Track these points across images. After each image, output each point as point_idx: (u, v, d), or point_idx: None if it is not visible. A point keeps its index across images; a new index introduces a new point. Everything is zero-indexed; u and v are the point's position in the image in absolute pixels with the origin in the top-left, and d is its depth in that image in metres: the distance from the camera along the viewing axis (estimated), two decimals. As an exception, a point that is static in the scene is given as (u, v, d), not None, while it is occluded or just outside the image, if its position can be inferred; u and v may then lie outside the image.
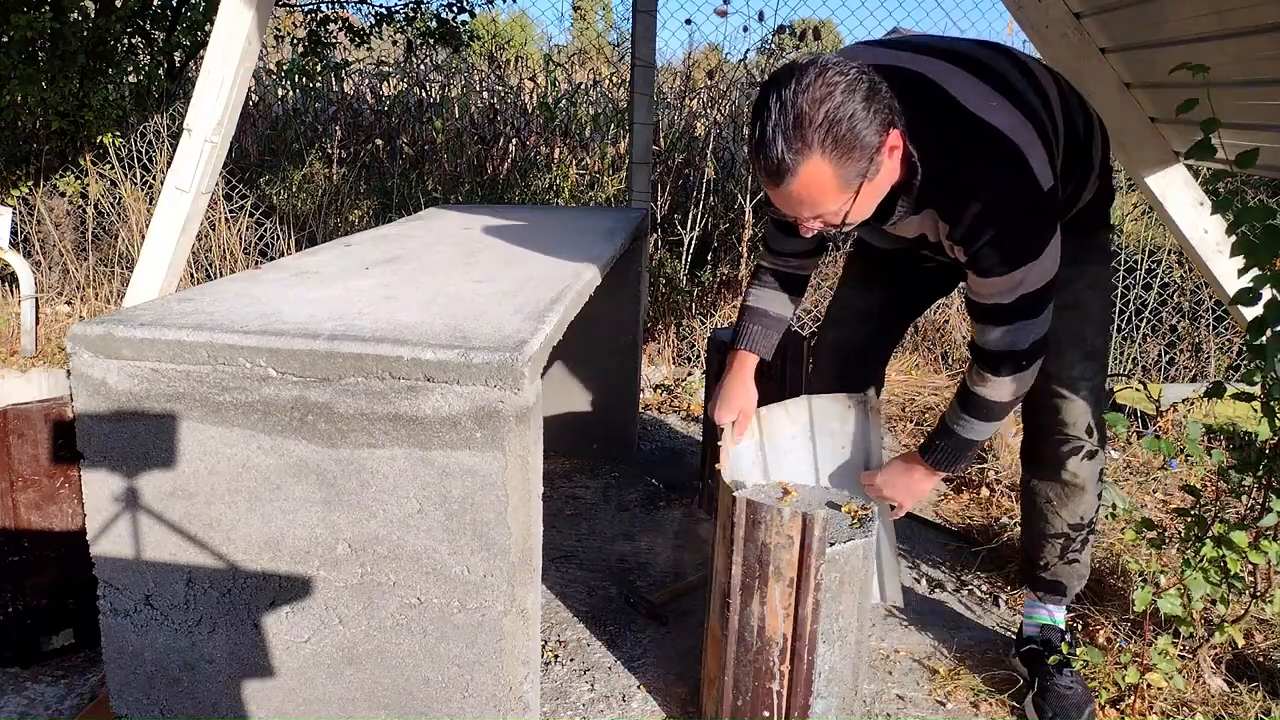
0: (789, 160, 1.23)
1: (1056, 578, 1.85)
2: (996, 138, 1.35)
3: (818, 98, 1.21)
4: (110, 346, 1.19)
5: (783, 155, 1.23)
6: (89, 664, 1.83)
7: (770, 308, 1.81)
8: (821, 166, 1.24)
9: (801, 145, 1.22)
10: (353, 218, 5.18)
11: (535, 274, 1.62)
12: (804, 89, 1.21)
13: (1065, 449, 1.74)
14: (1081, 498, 1.78)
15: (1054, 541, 1.82)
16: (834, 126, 1.22)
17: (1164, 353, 4.16)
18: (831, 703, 1.54)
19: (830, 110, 1.21)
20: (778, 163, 1.24)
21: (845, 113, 1.22)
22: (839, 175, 1.26)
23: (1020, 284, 1.42)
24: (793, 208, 1.32)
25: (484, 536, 1.18)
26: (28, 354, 3.80)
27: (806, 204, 1.30)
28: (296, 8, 6.33)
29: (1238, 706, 1.79)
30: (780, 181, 1.26)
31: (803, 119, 1.21)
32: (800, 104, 1.21)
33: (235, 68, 2.12)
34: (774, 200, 1.34)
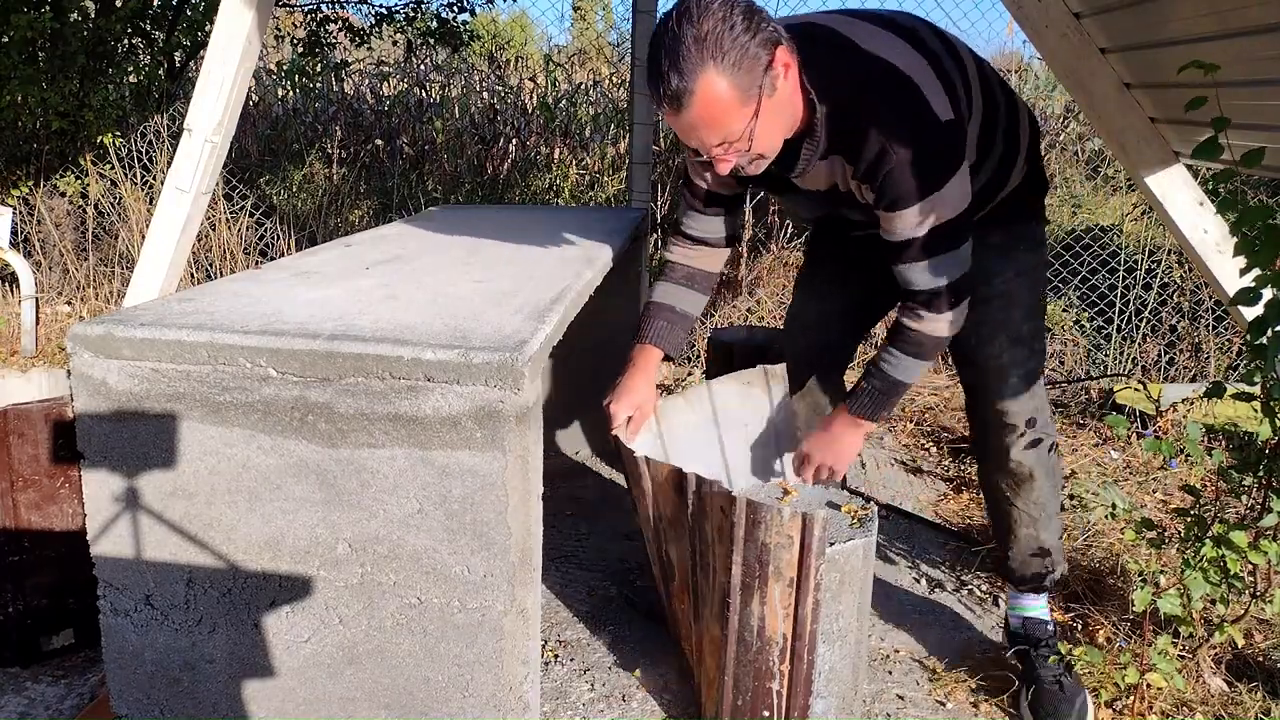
0: (685, 81, 1.28)
1: (1026, 569, 1.86)
2: (890, 70, 1.39)
3: (698, 18, 1.28)
4: (110, 346, 1.19)
5: (680, 77, 1.27)
6: (89, 664, 1.83)
7: (677, 304, 1.78)
8: (716, 80, 1.28)
9: (694, 63, 1.27)
10: (353, 218, 5.18)
11: (535, 274, 1.62)
12: (685, 15, 1.28)
13: (1007, 439, 1.75)
14: (1032, 485, 1.78)
15: (1016, 532, 1.83)
16: (720, 40, 1.27)
17: (1164, 353, 4.16)
18: (831, 703, 1.54)
19: (713, 26, 1.27)
20: (677, 85, 1.28)
21: (727, 26, 1.28)
22: (735, 86, 1.29)
23: (929, 215, 1.43)
24: (700, 135, 1.35)
25: (484, 536, 1.19)
26: (28, 354, 3.80)
27: (711, 125, 1.33)
28: (296, 8, 6.33)
29: (1237, 706, 1.79)
30: (681, 105, 1.30)
31: (690, 41, 1.27)
32: (684, 29, 1.28)
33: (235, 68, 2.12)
34: (680, 133, 1.37)
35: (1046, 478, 1.79)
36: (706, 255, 1.78)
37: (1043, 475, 1.78)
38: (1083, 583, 2.21)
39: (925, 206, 1.43)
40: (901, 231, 1.47)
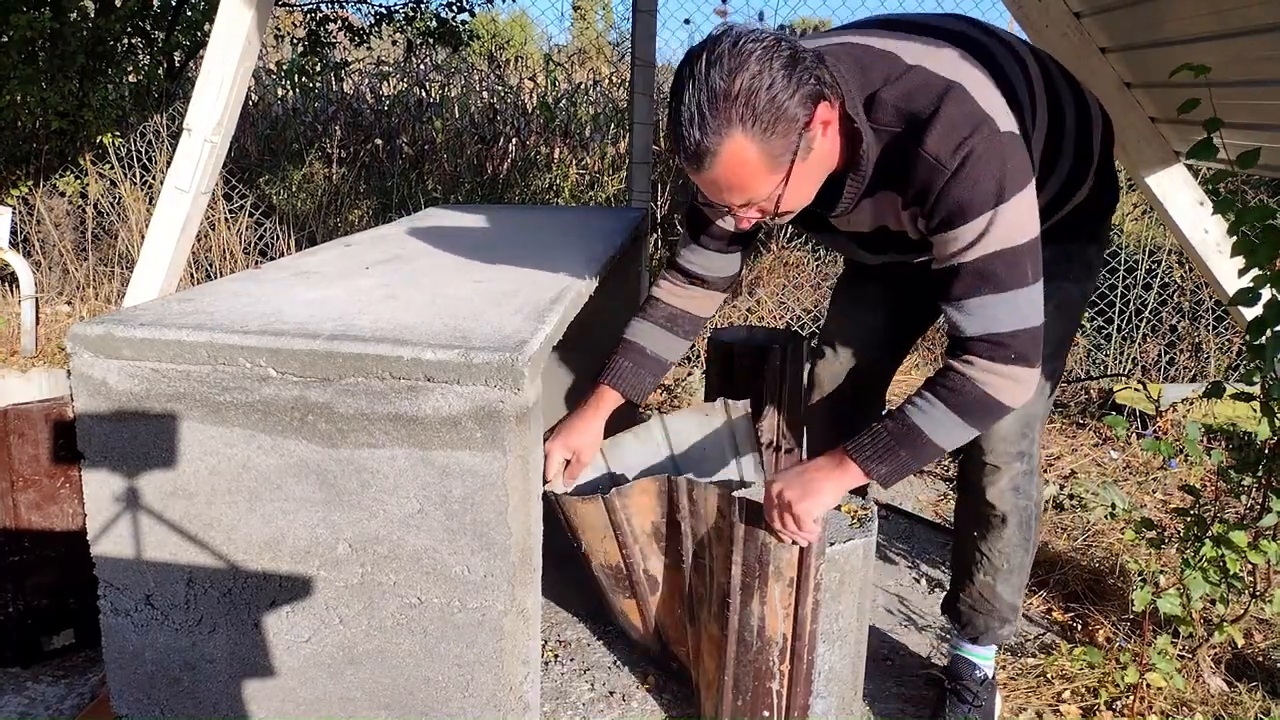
0: (709, 141, 1.14)
1: (973, 617, 1.71)
2: (941, 85, 1.23)
3: (730, 71, 1.11)
4: (110, 346, 1.19)
5: (702, 136, 1.13)
6: (89, 664, 1.83)
7: (649, 345, 1.61)
8: (745, 145, 1.14)
9: (721, 123, 1.12)
10: (353, 218, 5.18)
11: (535, 274, 1.62)
12: (716, 61, 1.12)
13: (987, 478, 1.58)
14: (1002, 532, 1.62)
15: (973, 576, 1.68)
16: (753, 100, 1.12)
17: (1164, 353, 4.16)
18: (831, 703, 1.54)
19: (747, 83, 1.11)
20: (697, 145, 1.14)
21: (763, 83, 1.12)
22: (765, 153, 1.15)
23: (984, 235, 1.23)
24: (720, 194, 1.22)
25: (484, 536, 1.19)
26: (28, 354, 3.80)
27: (735, 189, 1.20)
28: (296, 8, 6.33)
29: (1237, 706, 1.79)
30: (702, 166, 1.17)
31: (719, 94, 1.11)
32: (713, 79, 1.12)
33: (235, 68, 2.12)
34: (700, 186, 1.24)
35: (1019, 528, 1.62)
36: (699, 298, 1.62)
37: (1015, 524, 1.62)
38: (1083, 583, 2.21)
39: (980, 224, 1.22)
40: (953, 255, 1.26)
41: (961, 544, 1.71)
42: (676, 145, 1.18)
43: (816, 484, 1.34)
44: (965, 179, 1.22)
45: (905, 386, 3.82)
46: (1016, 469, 1.58)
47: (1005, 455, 1.57)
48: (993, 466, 1.58)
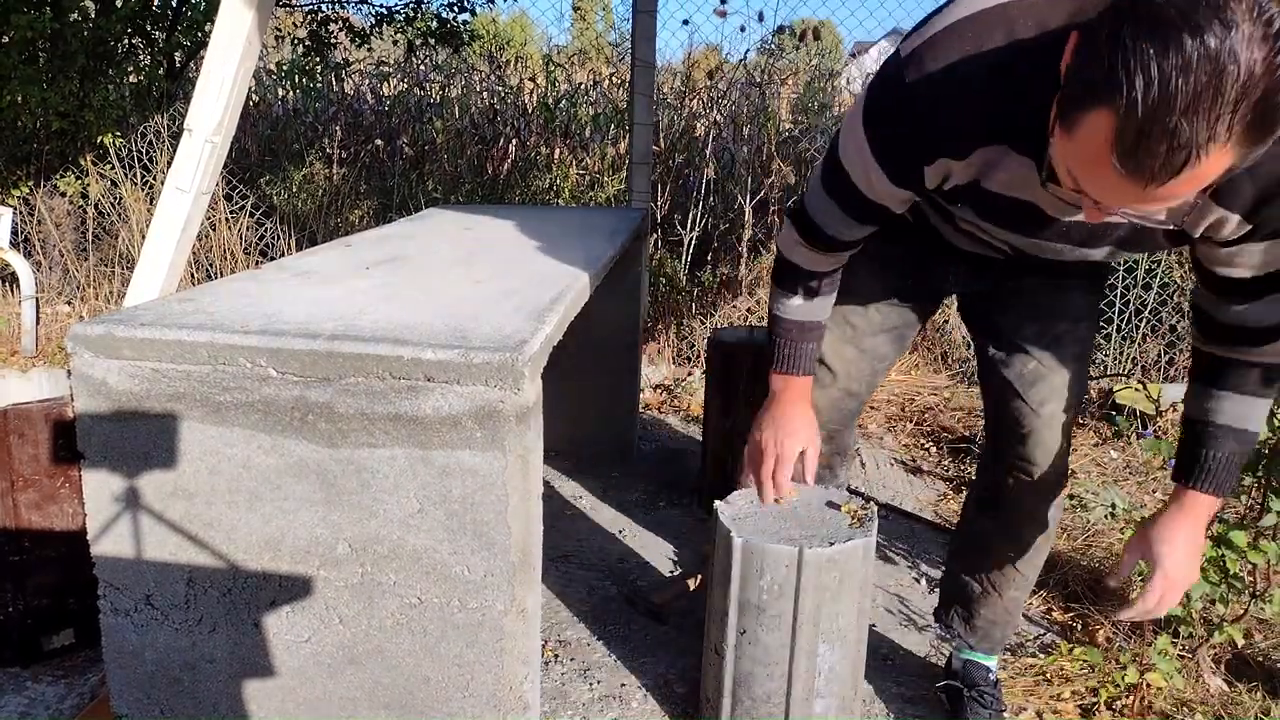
0: (1194, 155, 0.81)
1: (993, 630, 1.70)
2: None
3: (1265, 52, 0.77)
4: (111, 346, 1.19)
5: (1195, 143, 0.80)
6: (89, 664, 1.83)
7: (818, 317, 1.50)
8: (1226, 158, 0.82)
9: (1225, 132, 0.79)
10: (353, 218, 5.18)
11: (535, 274, 1.62)
12: (1244, 39, 0.77)
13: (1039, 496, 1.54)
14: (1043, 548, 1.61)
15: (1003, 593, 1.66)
16: (1270, 99, 0.79)
17: (1164, 353, 4.16)
18: (831, 703, 1.54)
19: (1278, 74, 0.78)
20: (1185, 153, 0.81)
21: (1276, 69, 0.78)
22: (1235, 165, 0.85)
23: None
24: (1141, 204, 0.91)
25: (484, 536, 1.19)
26: (28, 354, 3.80)
27: (1163, 201, 0.89)
28: (297, 8, 6.33)
29: (1237, 706, 1.79)
30: (1164, 180, 0.84)
31: (1237, 89, 0.78)
32: (1239, 64, 0.77)
33: (236, 68, 2.12)
34: (1101, 189, 0.91)
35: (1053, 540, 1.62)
36: (842, 255, 1.45)
37: (1053, 537, 1.61)
38: (1083, 583, 2.21)
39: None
40: (1264, 267, 1.14)
41: (989, 561, 1.65)
42: (1132, 143, 0.82)
43: (1201, 543, 1.32)
44: None
45: (904, 387, 3.83)
46: (1064, 485, 1.58)
47: (1058, 471, 1.54)
48: (1049, 485, 1.53)
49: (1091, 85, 0.84)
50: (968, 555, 1.72)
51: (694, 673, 1.84)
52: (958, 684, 1.74)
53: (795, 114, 5.90)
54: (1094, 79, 0.84)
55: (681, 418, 3.50)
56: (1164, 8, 0.80)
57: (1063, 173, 0.95)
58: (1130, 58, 0.80)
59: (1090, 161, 0.88)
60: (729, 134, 5.28)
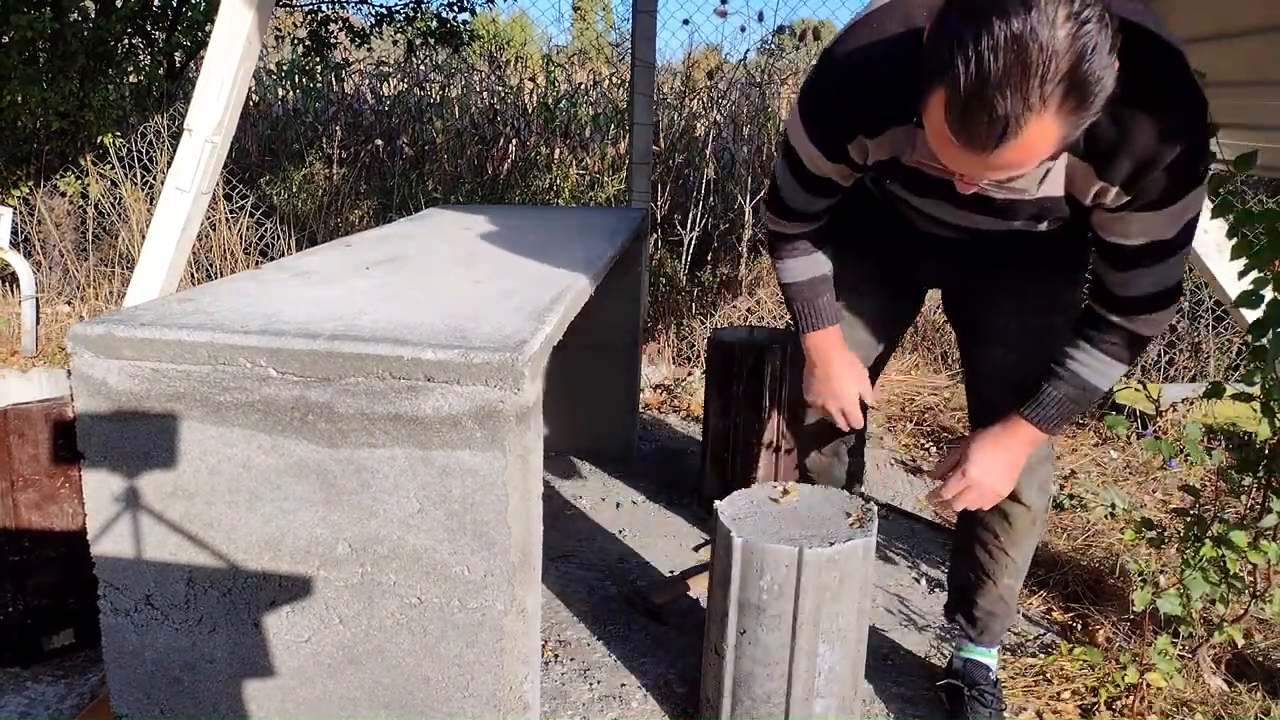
0: (1015, 124, 0.91)
1: (991, 620, 1.73)
2: (1153, 40, 1.09)
3: (1068, 34, 0.88)
4: (111, 346, 1.19)
5: (1012, 115, 0.90)
6: (89, 664, 1.83)
7: (821, 270, 1.56)
8: (1051, 127, 0.93)
9: (1038, 101, 0.90)
10: (353, 218, 5.18)
11: (535, 274, 1.62)
12: (1046, 21, 0.87)
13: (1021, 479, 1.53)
14: (1030, 533, 1.64)
15: (997, 580, 1.68)
16: (1078, 74, 0.89)
17: (1164, 353, 4.16)
18: (831, 703, 1.54)
19: (1081, 51, 0.88)
20: (1004, 123, 0.91)
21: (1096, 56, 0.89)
22: (1063, 134, 0.95)
23: (1183, 214, 1.19)
24: (987, 171, 1.01)
25: (484, 536, 1.19)
26: (28, 354, 3.80)
27: (1012, 168, 0.99)
28: (296, 8, 6.33)
29: (1237, 706, 1.79)
30: (990, 149, 0.95)
31: (1047, 66, 0.88)
32: (1040, 43, 0.87)
33: (236, 68, 2.12)
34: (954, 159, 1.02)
35: (1040, 525, 1.65)
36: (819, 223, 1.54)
37: (1040, 522, 1.64)
38: (1083, 583, 2.21)
39: (1189, 201, 1.18)
40: (1147, 233, 1.22)
41: (980, 550, 1.68)
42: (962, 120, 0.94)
43: (1016, 465, 1.43)
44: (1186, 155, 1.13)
45: (904, 387, 3.83)
46: (1047, 468, 1.60)
47: (1039, 455, 1.55)
48: (1029, 469, 1.55)
49: (928, 68, 0.96)
50: (963, 545, 1.75)
51: (694, 673, 1.84)
52: (958, 683, 1.74)
53: (795, 114, 5.88)
54: (930, 63, 0.96)
55: (681, 418, 3.50)
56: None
57: (927, 152, 1.08)
58: (953, 41, 0.91)
59: (936, 136, 1.00)
60: (729, 134, 5.28)
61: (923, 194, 1.36)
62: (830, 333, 1.58)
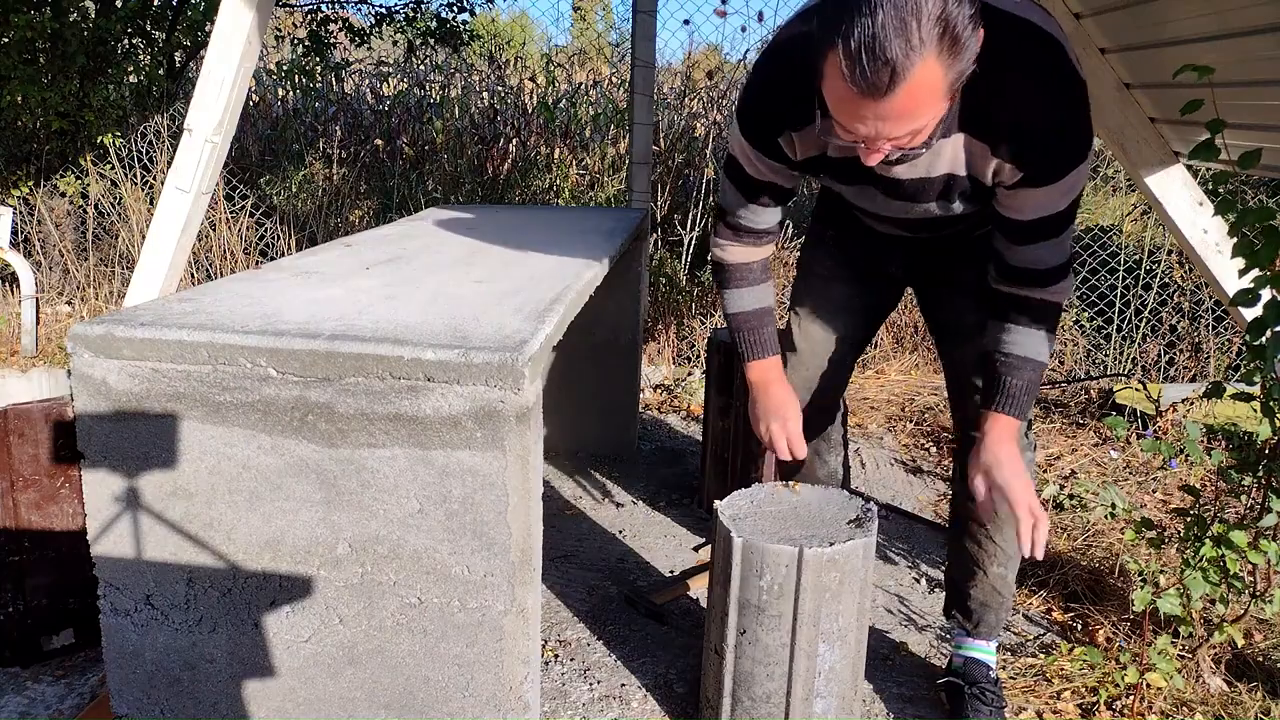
0: (903, 63, 1.02)
1: (985, 611, 1.75)
2: (1032, 29, 1.23)
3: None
4: (111, 346, 1.19)
5: (898, 56, 1.02)
6: (89, 664, 1.83)
7: (767, 301, 1.64)
8: (934, 69, 1.05)
9: (919, 42, 1.02)
10: (353, 218, 5.18)
11: (535, 274, 1.62)
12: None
13: None
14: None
15: (986, 570, 1.70)
16: (948, 19, 1.03)
17: (1164, 353, 4.16)
18: (831, 703, 1.54)
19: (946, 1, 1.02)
20: (892, 66, 1.02)
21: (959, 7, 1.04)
22: (945, 79, 1.07)
23: (1072, 188, 1.31)
24: (885, 123, 1.10)
25: (484, 536, 1.19)
26: (28, 354, 3.80)
27: (906, 117, 1.09)
28: (296, 8, 6.33)
29: (1237, 706, 1.79)
30: (884, 91, 1.05)
31: (920, 11, 1.01)
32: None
33: (236, 68, 2.12)
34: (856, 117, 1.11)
35: None
36: (768, 244, 1.62)
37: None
38: (1083, 583, 2.21)
39: (1075, 177, 1.29)
40: (1041, 208, 1.33)
41: (968, 540, 1.71)
42: (856, 68, 1.04)
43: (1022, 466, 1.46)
44: (1065, 132, 1.26)
45: (904, 387, 3.83)
46: (1028, 455, 1.62)
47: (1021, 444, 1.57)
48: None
49: (821, 38, 1.08)
50: (954, 539, 1.77)
51: (694, 673, 1.84)
52: (958, 681, 1.74)
53: (795, 114, 5.88)
54: (823, 31, 1.07)
55: (681, 418, 3.50)
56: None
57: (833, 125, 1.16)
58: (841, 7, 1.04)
59: (837, 97, 1.10)
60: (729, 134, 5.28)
61: (850, 181, 1.46)
62: (772, 363, 1.65)
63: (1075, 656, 1.85)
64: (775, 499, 1.64)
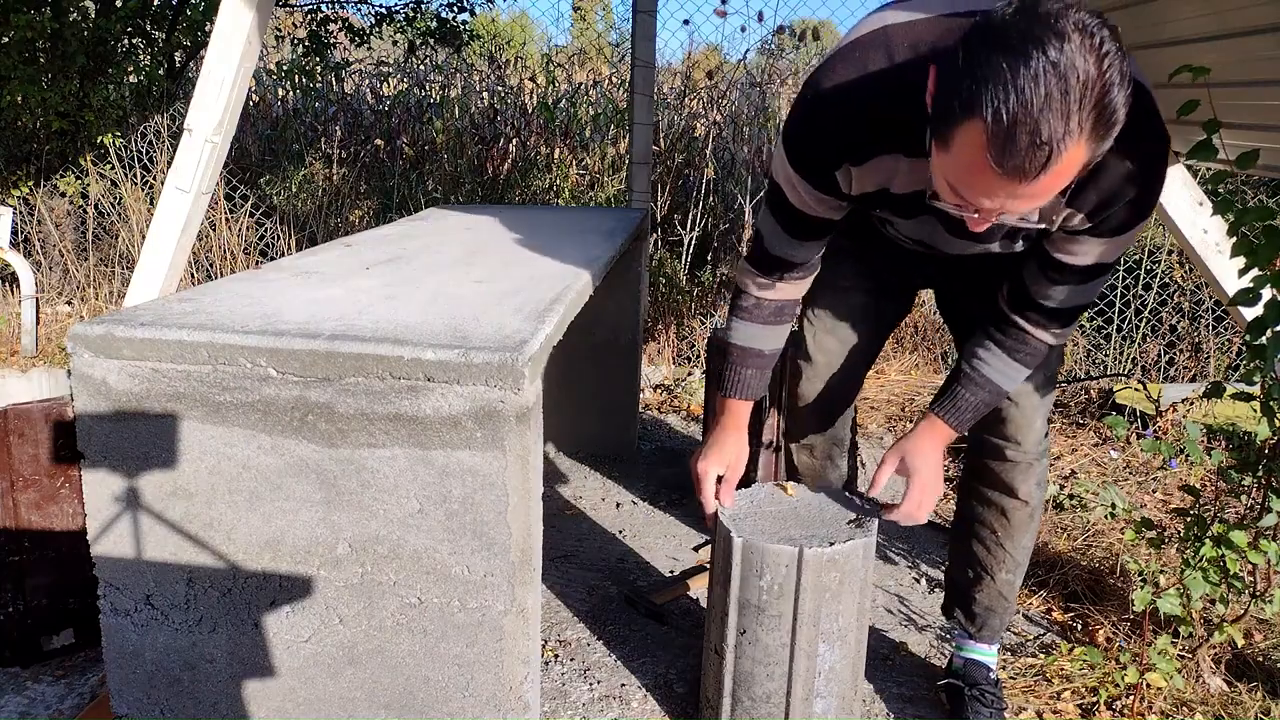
0: (1059, 147, 0.94)
1: (989, 616, 1.74)
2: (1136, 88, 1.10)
3: (1098, 63, 0.93)
4: (111, 346, 1.19)
5: (1055, 140, 0.93)
6: (89, 664, 1.83)
7: (765, 345, 1.56)
8: (1083, 151, 0.97)
9: (1077, 126, 0.93)
10: (353, 218, 5.18)
11: (535, 274, 1.62)
12: (1079, 51, 0.92)
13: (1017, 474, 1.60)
14: (1027, 528, 1.65)
15: (994, 575, 1.70)
16: (1111, 102, 0.94)
17: (1164, 353, 4.16)
18: (831, 703, 1.54)
19: (1110, 80, 0.93)
20: (1048, 149, 0.94)
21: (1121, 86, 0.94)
22: (1088, 160, 0.99)
23: (1130, 240, 1.28)
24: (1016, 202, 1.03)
25: (484, 536, 1.19)
26: (28, 354, 3.80)
27: (1039, 197, 1.02)
28: (296, 8, 6.33)
29: (1237, 706, 1.79)
30: (1033, 176, 0.97)
31: (1087, 88, 0.92)
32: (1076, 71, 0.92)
33: (236, 68, 2.12)
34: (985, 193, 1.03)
35: (1037, 520, 1.66)
36: (802, 282, 1.55)
37: (1038, 517, 1.66)
38: (1083, 583, 2.21)
39: (1138, 230, 1.26)
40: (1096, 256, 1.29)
41: (977, 544, 1.70)
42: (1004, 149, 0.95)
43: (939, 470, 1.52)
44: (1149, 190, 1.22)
45: (904, 387, 3.83)
46: (1044, 463, 1.63)
47: (1036, 451, 1.60)
48: (1026, 464, 1.60)
49: (960, 102, 0.98)
50: (960, 541, 1.76)
51: (694, 673, 1.84)
52: (958, 682, 1.74)
53: (795, 114, 5.88)
54: (959, 97, 0.98)
55: (681, 418, 3.50)
56: (1007, 32, 0.95)
57: (944, 188, 1.09)
58: (989, 74, 0.95)
59: (968, 168, 1.02)
60: (729, 134, 5.28)
61: (910, 216, 1.40)
62: (744, 407, 1.60)
63: (1075, 656, 1.85)
64: (775, 499, 1.64)
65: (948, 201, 1.11)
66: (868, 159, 1.28)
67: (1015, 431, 1.59)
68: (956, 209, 1.11)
